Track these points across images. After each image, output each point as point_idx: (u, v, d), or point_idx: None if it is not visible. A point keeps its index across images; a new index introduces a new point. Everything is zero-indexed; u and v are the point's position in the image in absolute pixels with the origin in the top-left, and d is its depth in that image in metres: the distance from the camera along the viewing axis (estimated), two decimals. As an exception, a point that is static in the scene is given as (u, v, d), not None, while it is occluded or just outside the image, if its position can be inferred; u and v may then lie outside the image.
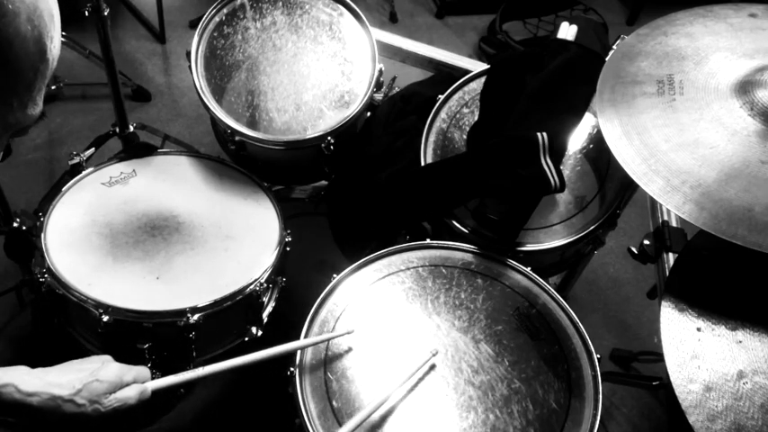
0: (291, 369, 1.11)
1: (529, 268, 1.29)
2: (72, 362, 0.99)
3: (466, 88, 1.51)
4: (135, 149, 1.51)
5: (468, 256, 1.32)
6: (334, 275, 1.24)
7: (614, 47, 1.37)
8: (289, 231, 1.41)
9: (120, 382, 0.97)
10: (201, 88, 1.44)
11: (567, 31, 1.48)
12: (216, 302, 1.24)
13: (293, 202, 1.80)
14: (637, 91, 1.17)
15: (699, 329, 1.04)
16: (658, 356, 1.24)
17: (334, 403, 1.08)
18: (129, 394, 0.97)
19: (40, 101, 0.61)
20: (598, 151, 1.40)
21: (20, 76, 0.57)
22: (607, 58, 1.27)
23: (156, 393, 1.01)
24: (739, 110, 1.08)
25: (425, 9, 3.15)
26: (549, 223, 1.35)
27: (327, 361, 1.13)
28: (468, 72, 1.53)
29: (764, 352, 1.01)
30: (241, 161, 1.52)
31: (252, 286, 1.29)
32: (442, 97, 1.48)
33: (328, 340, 1.16)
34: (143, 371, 1.01)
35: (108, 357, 1.01)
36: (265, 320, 1.40)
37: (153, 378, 1.03)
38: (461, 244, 1.33)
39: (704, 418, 0.95)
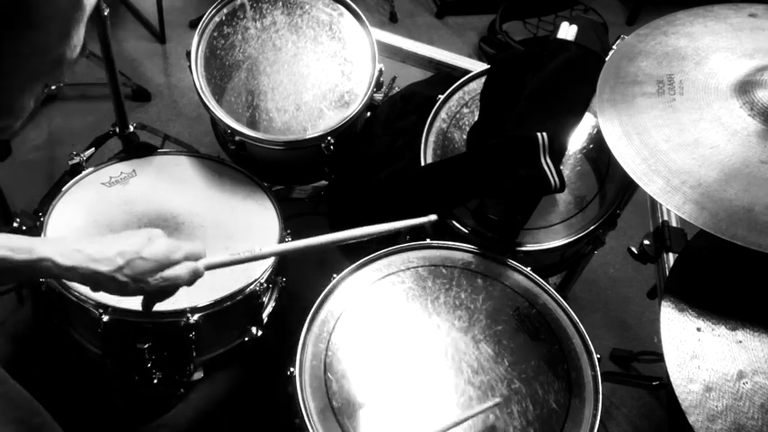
0: (291, 369, 1.11)
1: (529, 268, 1.29)
2: (119, 234, 0.92)
3: (466, 88, 1.51)
4: (135, 149, 1.51)
5: (468, 256, 1.32)
6: (334, 275, 1.24)
7: (614, 47, 1.37)
8: (289, 231, 1.41)
9: (167, 261, 0.91)
10: (201, 88, 1.44)
11: (567, 31, 1.48)
12: (216, 302, 1.24)
13: (293, 202, 1.80)
14: (637, 91, 1.17)
15: (699, 329, 1.04)
16: (658, 356, 1.24)
17: (334, 403, 1.08)
18: (179, 273, 0.92)
19: (77, 43, 0.60)
20: (598, 151, 1.40)
21: (50, 24, 0.56)
22: (607, 58, 1.27)
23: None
24: (739, 110, 1.08)
25: (425, 9, 3.14)
26: (549, 223, 1.35)
27: (327, 361, 1.13)
28: (468, 72, 1.53)
29: (764, 352, 1.01)
30: (241, 161, 1.52)
31: (252, 286, 1.29)
32: (442, 97, 1.48)
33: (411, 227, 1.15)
34: (196, 247, 0.95)
35: (158, 232, 0.94)
36: (265, 320, 1.40)
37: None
38: (461, 244, 1.33)
39: (704, 418, 0.95)
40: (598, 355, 1.16)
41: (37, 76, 0.59)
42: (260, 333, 1.38)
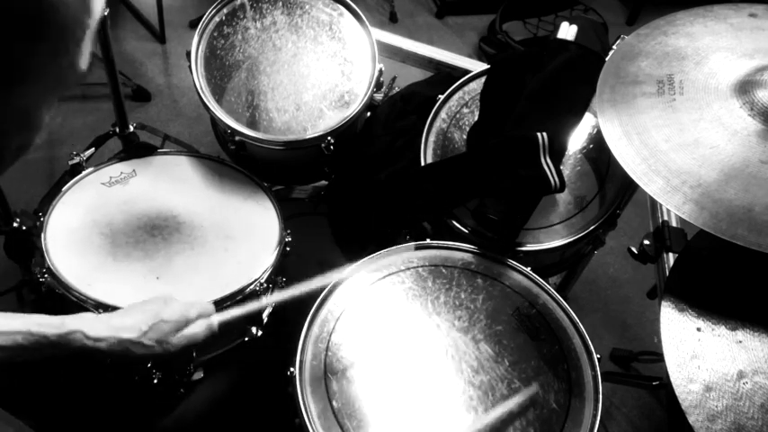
0: (291, 369, 1.11)
1: (529, 268, 1.29)
2: (135, 304, 1.01)
3: (466, 88, 1.51)
4: (135, 149, 1.51)
5: (468, 256, 1.32)
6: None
7: (614, 47, 1.37)
8: (289, 231, 1.41)
9: (185, 320, 0.99)
10: (201, 88, 1.44)
11: (567, 31, 1.48)
12: (216, 302, 1.24)
13: (293, 202, 1.80)
14: (637, 91, 1.17)
15: (699, 329, 1.04)
16: (658, 356, 1.24)
17: (334, 403, 1.08)
18: (197, 330, 0.99)
19: (87, 53, 0.60)
20: (598, 151, 1.40)
21: (67, 32, 0.55)
22: (607, 58, 1.27)
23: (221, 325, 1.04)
24: (739, 110, 1.08)
25: (425, 9, 3.15)
26: (549, 223, 1.35)
27: (327, 361, 1.13)
28: (468, 72, 1.53)
29: (764, 352, 1.01)
30: (241, 161, 1.52)
31: (252, 286, 1.29)
32: (442, 97, 1.48)
33: None
34: (207, 305, 1.03)
35: (170, 296, 1.02)
36: (265, 320, 1.40)
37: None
38: (461, 244, 1.33)
39: (704, 418, 0.95)
40: (598, 355, 1.16)
41: (52, 86, 0.59)
42: (260, 333, 1.38)
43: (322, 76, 1.50)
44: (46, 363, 0.95)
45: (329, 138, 1.44)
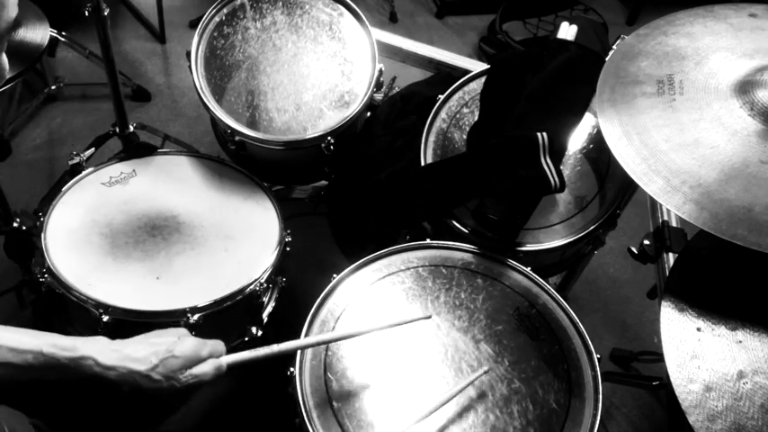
0: (291, 369, 1.11)
1: (529, 268, 1.29)
2: (149, 334, 1.00)
3: (466, 88, 1.51)
4: (135, 149, 1.51)
5: (468, 256, 1.32)
6: (334, 275, 1.25)
7: (614, 47, 1.37)
8: (289, 231, 1.41)
9: (196, 358, 0.97)
10: (201, 88, 1.44)
11: (567, 31, 1.48)
12: (216, 302, 1.24)
13: (293, 202, 1.81)
14: (637, 91, 1.17)
15: (699, 329, 1.04)
16: (658, 356, 1.25)
17: (334, 403, 1.08)
18: (205, 370, 0.98)
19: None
20: (598, 151, 1.40)
21: None
22: (607, 58, 1.27)
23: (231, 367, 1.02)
24: (739, 110, 1.08)
25: (425, 9, 3.15)
26: (549, 223, 1.35)
27: (327, 361, 1.13)
28: (468, 72, 1.53)
29: (764, 352, 1.01)
30: (241, 161, 1.52)
31: (252, 286, 1.29)
32: (442, 97, 1.48)
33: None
34: (218, 345, 1.02)
35: (184, 331, 1.02)
36: (265, 320, 1.40)
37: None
38: (461, 244, 1.33)
39: (704, 418, 0.95)
40: (598, 355, 1.16)
41: None
42: (260, 333, 1.38)
43: (322, 76, 1.50)
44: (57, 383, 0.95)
45: (329, 138, 1.44)
